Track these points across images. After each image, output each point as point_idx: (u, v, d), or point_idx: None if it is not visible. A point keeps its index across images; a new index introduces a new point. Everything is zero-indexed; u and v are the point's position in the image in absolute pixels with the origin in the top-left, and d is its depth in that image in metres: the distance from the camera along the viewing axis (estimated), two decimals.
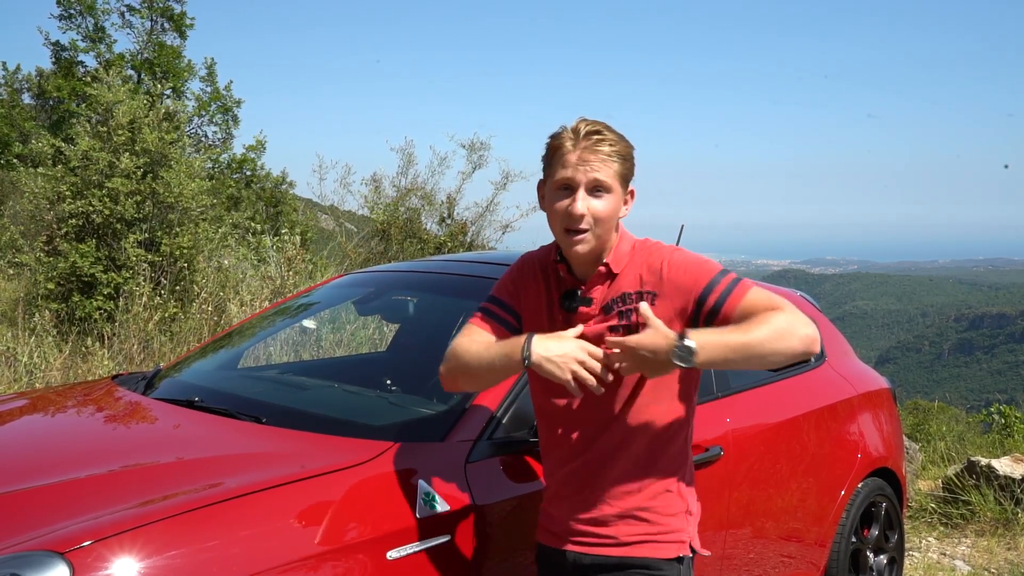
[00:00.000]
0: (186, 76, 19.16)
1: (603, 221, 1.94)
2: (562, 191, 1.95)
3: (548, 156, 1.98)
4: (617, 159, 1.94)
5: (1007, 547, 5.14)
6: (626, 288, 2.00)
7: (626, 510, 2.02)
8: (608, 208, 1.94)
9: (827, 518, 3.46)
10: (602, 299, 2.02)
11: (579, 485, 2.05)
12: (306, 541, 1.94)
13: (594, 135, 1.92)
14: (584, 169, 1.91)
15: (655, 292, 1.98)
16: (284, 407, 2.71)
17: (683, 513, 2.06)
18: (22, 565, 1.69)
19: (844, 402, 3.68)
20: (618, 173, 1.94)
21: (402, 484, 2.14)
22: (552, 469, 2.11)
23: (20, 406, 2.93)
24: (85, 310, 7.58)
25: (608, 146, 1.92)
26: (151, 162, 8.10)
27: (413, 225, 11.10)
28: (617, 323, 1.99)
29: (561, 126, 1.98)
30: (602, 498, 2.03)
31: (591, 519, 2.04)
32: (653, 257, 2.02)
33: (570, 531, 2.06)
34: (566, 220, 1.94)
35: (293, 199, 18.23)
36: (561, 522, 2.08)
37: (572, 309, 2.03)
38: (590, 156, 1.91)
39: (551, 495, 2.12)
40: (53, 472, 2.17)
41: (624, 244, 2.04)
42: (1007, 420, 9.29)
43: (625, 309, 1.99)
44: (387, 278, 3.64)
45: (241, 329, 3.60)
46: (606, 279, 2.02)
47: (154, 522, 1.83)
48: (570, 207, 1.92)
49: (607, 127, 1.95)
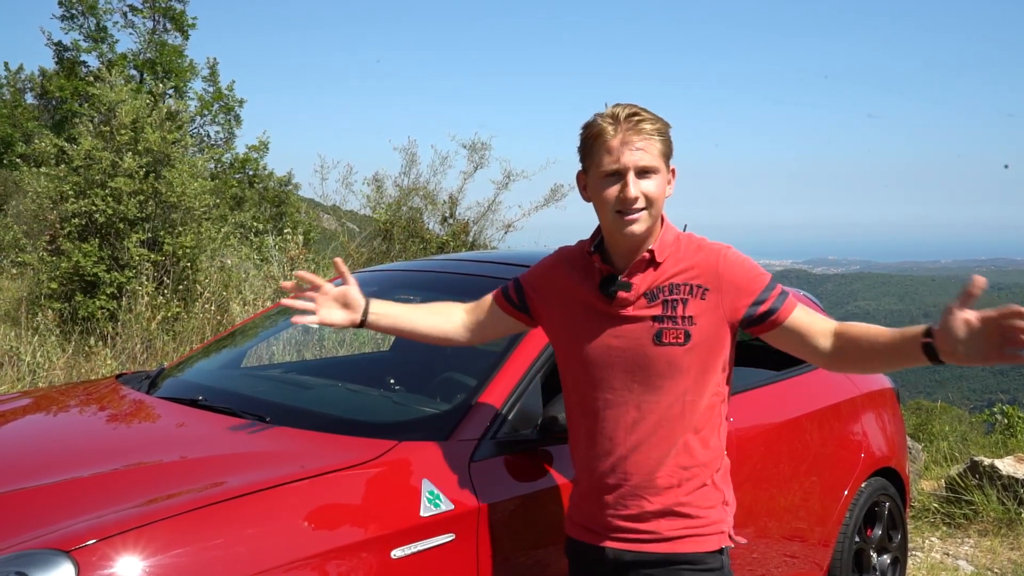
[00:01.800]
0: (188, 76, 19.18)
1: (655, 200, 1.94)
2: (610, 178, 1.93)
3: (587, 145, 1.97)
4: (659, 138, 1.93)
5: (1010, 547, 5.13)
6: (675, 278, 1.99)
7: (667, 506, 1.99)
8: (658, 188, 1.94)
9: (830, 518, 3.46)
10: (644, 286, 1.99)
11: (618, 481, 2.01)
12: (310, 540, 1.94)
13: (634, 117, 1.91)
14: (630, 152, 1.90)
15: (707, 287, 1.97)
16: (288, 406, 2.70)
17: (720, 504, 2.06)
18: (27, 564, 1.69)
19: (847, 402, 3.67)
20: (661, 152, 1.94)
21: (406, 483, 2.14)
22: (588, 464, 2.07)
23: (24, 405, 2.93)
24: (88, 309, 7.59)
25: (649, 125, 1.91)
26: (154, 162, 8.11)
27: (415, 225, 11.10)
28: (661, 312, 1.97)
29: (594, 114, 1.96)
30: (643, 495, 2.00)
31: (632, 515, 2.01)
32: (706, 252, 2.01)
33: (609, 527, 2.03)
34: (619, 205, 1.92)
35: (297, 199, 18.25)
36: (598, 519, 2.05)
37: (611, 294, 2.00)
38: (634, 137, 1.90)
39: (586, 491, 2.09)
40: (57, 471, 2.17)
41: (668, 234, 2.03)
42: (1010, 420, 9.28)
43: (672, 299, 1.97)
44: (389, 277, 3.63)
45: (244, 328, 3.61)
46: (648, 266, 2.00)
47: (158, 521, 1.83)
48: (623, 192, 1.91)
49: (642, 108, 1.94)
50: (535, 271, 2.19)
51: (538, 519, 2.31)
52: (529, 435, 2.39)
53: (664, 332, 1.96)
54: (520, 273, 2.24)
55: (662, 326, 1.97)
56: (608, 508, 2.03)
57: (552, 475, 2.37)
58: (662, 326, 1.97)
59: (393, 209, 11.14)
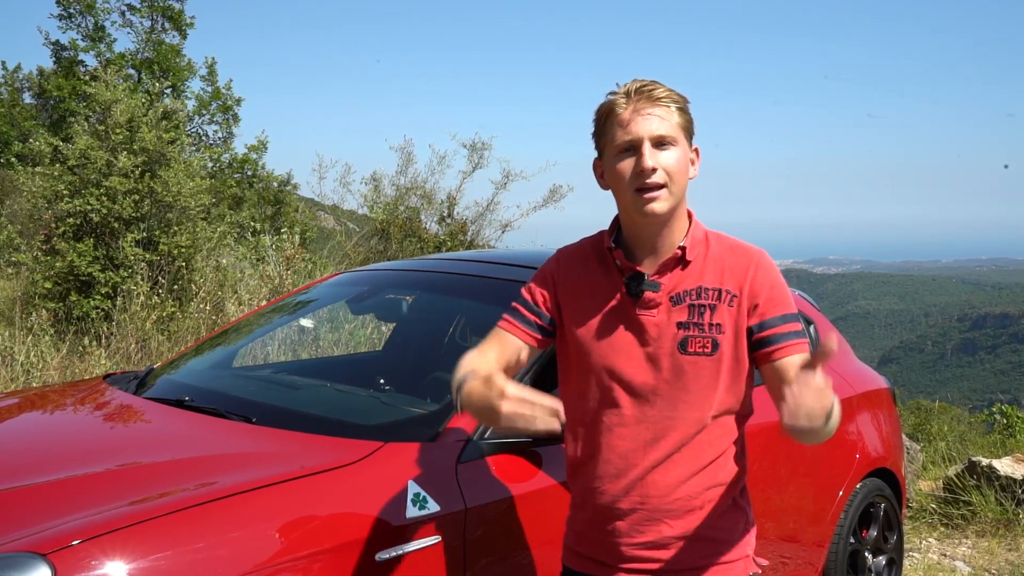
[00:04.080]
0: (186, 75, 19.15)
1: (676, 176, 1.74)
2: (624, 154, 1.74)
3: (600, 126, 1.80)
4: (675, 107, 1.76)
5: (1008, 548, 5.11)
6: (704, 282, 1.80)
7: (689, 531, 1.81)
8: (678, 162, 1.74)
9: (825, 519, 3.43)
10: (671, 288, 1.80)
11: (633, 505, 1.81)
12: (295, 542, 1.91)
13: (645, 87, 1.75)
14: (644, 120, 1.72)
15: (736, 294, 1.80)
16: (275, 407, 2.68)
17: (745, 524, 1.90)
18: (3, 567, 1.67)
19: (843, 401, 3.60)
20: (680, 124, 1.75)
21: (392, 484, 2.11)
22: (595, 486, 1.85)
23: (9, 405, 2.91)
24: (83, 309, 7.56)
25: (663, 92, 1.75)
26: (149, 161, 8.08)
27: (413, 224, 11.08)
28: (687, 319, 1.79)
29: (608, 93, 1.79)
30: (662, 519, 1.81)
31: (649, 543, 1.81)
32: (739, 255, 1.84)
33: (623, 557, 1.83)
34: (636, 180, 1.73)
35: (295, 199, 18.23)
36: (609, 547, 1.85)
37: (638, 294, 1.80)
38: (646, 105, 1.73)
39: (592, 516, 1.88)
40: (40, 472, 2.15)
41: (698, 231, 1.85)
42: (1009, 420, 9.26)
43: (699, 304, 1.79)
44: (383, 277, 3.61)
45: (236, 328, 3.58)
46: (678, 264, 1.81)
47: (141, 523, 1.81)
48: (639, 164, 1.72)
49: (656, 80, 1.78)
50: (537, 279, 1.93)
51: (526, 521, 2.28)
52: (517, 436, 2.36)
53: (690, 340, 1.78)
54: (520, 286, 1.97)
55: (688, 333, 1.78)
56: (621, 536, 1.83)
57: (540, 477, 2.34)
58: (688, 333, 1.78)
59: (391, 208, 11.13)
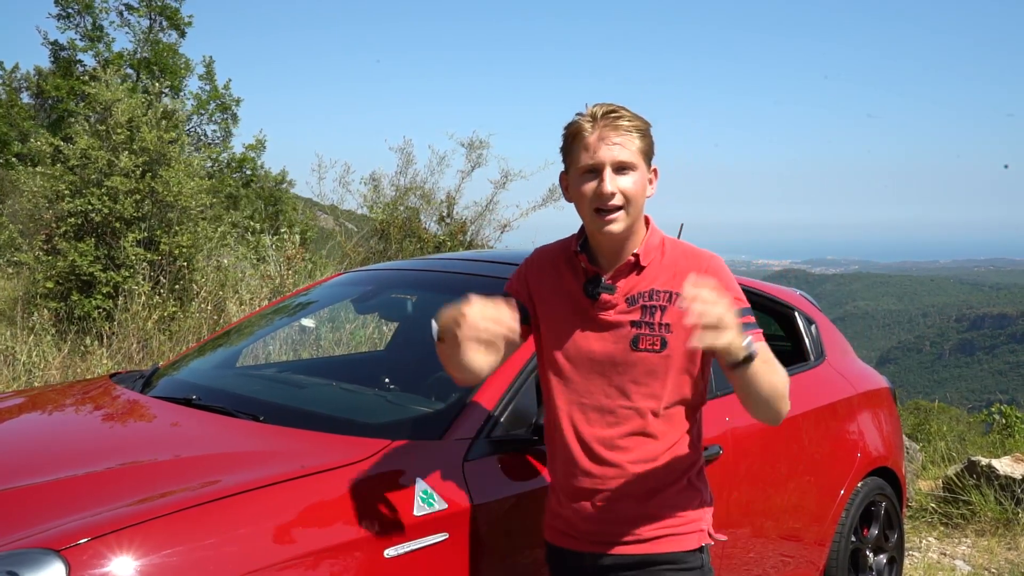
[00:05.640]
0: (184, 74, 19.14)
1: (633, 199, 1.92)
2: (587, 175, 1.93)
3: (567, 144, 1.97)
4: (637, 134, 1.93)
5: (1007, 547, 5.13)
6: (657, 285, 1.98)
7: (646, 509, 2.00)
8: (636, 185, 1.93)
9: (826, 517, 3.45)
10: (626, 290, 1.99)
11: (595, 486, 2.01)
12: (303, 539, 1.93)
13: (611, 114, 1.92)
14: (607, 148, 1.90)
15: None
16: (282, 405, 2.70)
17: (699, 502, 2.06)
18: (18, 563, 1.68)
19: (844, 401, 3.67)
20: (640, 149, 1.93)
21: (400, 482, 2.13)
22: (565, 469, 2.05)
23: (17, 404, 2.92)
24: (84, 309, 7.57)
25: (627, 122, 1.92)
26: (150, 161, 8.09)
27: (412, 224, 11.09)
28: (639, 318, 1.96)
29: (576, 114, 1.97)
30: (623, 499, 1.99)
31: (611, 519, 2.00)
32: (691, 260, 2.01)
33: (588, 533, 2.03)
34: (596, 201, 1.92)
35: (293, 198, 18.22)
36: (577, 524, 2.04)
37: (594, 295, 1.99)
38: (610, 133, 1.90)
39: (563, 496, 2.07)
40: (50, 470, 2.16)
41: (654, 238, 2.02)
42: (1008, 420, 9.29)
43: (651, 305, 1.97)
44: (385, 276, 3.63)
45: (239, 328, 3.60)
46: (633, 270, 1.99)
47: (151, 520, 1.82)
48: (599, 188, 1.90)
49: (622, 106, 1.95)
50: (516, 276, 2.14)
51: (532, 519, 2.30)
52: (523, 435, 2.39)
53: (641, 338, 1.96)
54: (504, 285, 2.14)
55: (639, 331, 1.96)
56: (584, 512, 2.02)
57: (546, 475, 2.36)
58: (639, 331, 1.96)
59: (390, 208, 11.13)
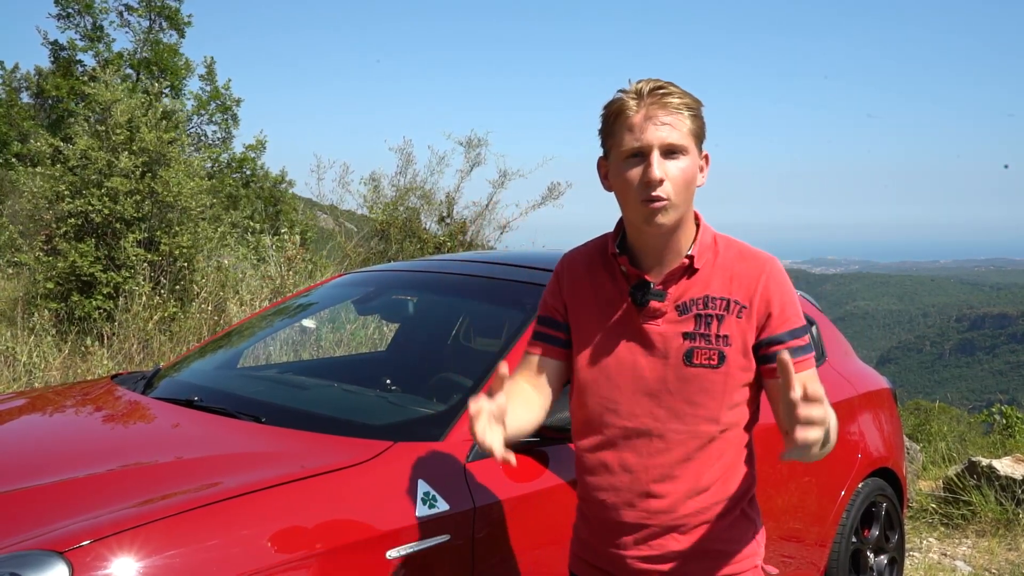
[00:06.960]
0: (184, 74, 19.15)
1: (683, 186, 1.69)
2: (632, 159, 1.69)
3: (608, 126, 1.73)
4: (688, 113, 1.69)
5: (1008, 548, 5.13)
6: (712, 291, 1.75)
7: (696, 544, 1.77)
8: (687, 171, 1.69)
9: (827, 518, 3.45)
10: (676, 296, 1.75)
11: (639, 520, 1.78)
12: (305, 540, 1.93)
13: (659, 90, 1.68)
14: (654, 128, 1.66)
15: (746, 305, 1.74)
16: (283, 406, 2.70)
17: (753, 533, 1.86)
18: (21, 564, 1.68)
19: (844, 402, 3.67)
20: (692, 131, 1.70)
21: (402, 483, 2.13)
22: (601, 498, 1.82)
23: (19, 405, 2.92)
24: (84, 309, 7.57)
25: (677, 99, 1.68)
26: (150, 161, 8.09)
27: (412, 224, 11.10)
28: (693, 329, 1.74)
29: (618, 90, 1.73)
30: (669, 534, 1.77)
31: (656, 557, 1.78)
32: (749, 262, 1.78)
33: (629, 570, 1.81)
34: (643, 190, 1.67)
35: (292, 198, 18.22)
36: (615, 560, 1.82)
37: (643, 303, 1.75)
38: (658, 111, 1.67)
39: (598, 528, 1.85)
40: (52, 471, 2.16)
41: (706, 236, 1.79)
42: (1008, 420, 9.29)
43: (706, 314, 1.74)
44: (386, 277, 3.63)
45: (240, 329, 3.60)
46: (685, 273, 1.76)
47: (153, 521, 1.82)
48: (646, 174, 1.66)
49: (670, 82, 1.71)
50: (548, 293, 1.91)
51: (534, 520, 2.30)
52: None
53: (696, 351, 1.73)
54: (538, 299, 1.95)
55: (693, 344, 1.73)
56: (627, 549, 1.80)
57: (548, 476, 2.36)
58: (693, 344, 1.73)
59: (390, 209, 11.14)
